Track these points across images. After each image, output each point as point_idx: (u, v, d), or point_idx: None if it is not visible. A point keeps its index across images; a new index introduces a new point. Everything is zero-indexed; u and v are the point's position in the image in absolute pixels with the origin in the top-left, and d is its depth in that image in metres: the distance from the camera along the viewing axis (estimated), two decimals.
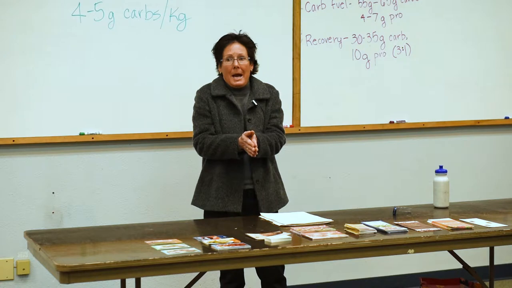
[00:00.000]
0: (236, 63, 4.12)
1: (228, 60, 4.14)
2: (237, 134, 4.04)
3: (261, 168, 4.16)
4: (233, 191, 4.10)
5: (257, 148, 3.97)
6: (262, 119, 4.19)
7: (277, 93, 4.29)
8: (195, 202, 4.23)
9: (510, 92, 5.69)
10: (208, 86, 4.22)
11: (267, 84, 4.28)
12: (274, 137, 4.15)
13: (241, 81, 4.15)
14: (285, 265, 4.24)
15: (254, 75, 4.27)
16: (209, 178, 4.16)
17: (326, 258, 3.57)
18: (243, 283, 4.29)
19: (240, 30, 4.26)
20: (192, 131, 4.23)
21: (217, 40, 4.25)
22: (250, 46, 4.21)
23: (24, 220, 4.65)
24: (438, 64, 5.47)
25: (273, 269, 4.17)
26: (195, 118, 4.20)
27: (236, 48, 4.15)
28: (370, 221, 3.83)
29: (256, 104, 4.17)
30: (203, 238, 3.50)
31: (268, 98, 4.22)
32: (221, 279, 4.27)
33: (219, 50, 4.19)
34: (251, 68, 4.21)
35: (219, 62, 4.20)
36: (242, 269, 4.23)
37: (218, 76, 4.26)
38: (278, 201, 4.24)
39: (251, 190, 4.14)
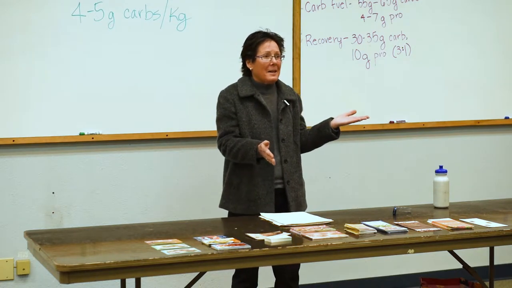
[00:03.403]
0: (274, 60, 4.12)
1: (266, 57, 4.12)
2: (257, 140, 4.01)
3: (293, 170, 4.16)
4: (265, 192, 4.08)
5: (274, 160, 3.96)
6: (291, 120, 4.19)
7: (299, 96, 4.34)
8: (225, 205, 4.18)
9: (510, 92, 5.69)
10: (234, 87, 4.17)
11: (289, 86, 4.31)
12: None
13: (276, 76, 4.15)
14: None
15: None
16: (237, 181, 4.12)
17: (326, 258, 3.57)
18: (256, 284, 4.26)
19: (267, 28, 4.24)
20: (216, 132, 4.17)
21: (247, 37, 4.19)
22: (281, 44, 4.21)
23: (24, 220, 4.65)
24: (438, 64, 5.48)
25: (291, 267, 4.18)
26: (219, 120, 4.15)
27: (274, 46, 4.14)
28: (370, 221, 3.83)
29: (288, 104, 4.17)
30: (203, 238, 3.50)
31: (295, 99, 4.24)
32: (234, 277, 4.24)
33: (253, 46, 4.14)
34: None
35: (252, 58, 4.16)
36: (257, 271, 4.20)
37: (242, 76, 4.22)
38: (304, 204, 4.25)
39: (280, 189, 4.14)
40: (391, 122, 5.39)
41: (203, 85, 4.91)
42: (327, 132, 4.20)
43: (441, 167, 4.29)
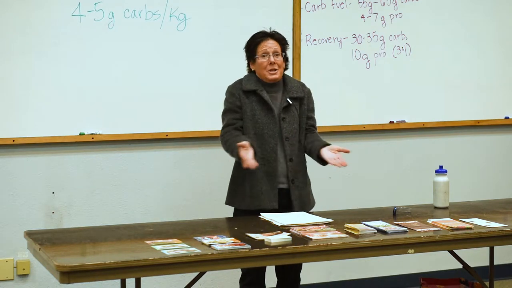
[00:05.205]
0: (272, 59, 4.10)
1: (263, 56, 4.11)
2: (244, 137, 4.00)
3: (298, 168, 4.15)
4: (269, 188, 4.09)
5: (250, 162, 3.90)
6: (297, 118, 4.17)
7: (309, 91, 4.28)
8: (230, 202, 4.20)
9: (510, 92, 5.69)
10: (239, 82, 4.19)
11: (299, 82, 4.28)
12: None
13: (277, 75, 4.12)
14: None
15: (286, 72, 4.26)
16: (241, 176, 4.13)
17: (326, 258, 3.57)
18: (263, 286, 4.23)
19: (270, 28, 4.24)
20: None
21: (249, 38, 4.20)
22: (283, 43, 4.19)
23: (24, 220, 4.65)
24: (438, 64, 5.48)
25: (292, 269, 4.18)
26: (224, 113, 4.17)
27: (271, 44, 4.13)
28: (370, 221, 3.83)
29: (291, 102, 4.15)
30: (203, 238, 3.51)
31: (302, 97, 4.21)
32: (240, 280, 4.23)
33: (252, 47, 4.15)
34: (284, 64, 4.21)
35: (252, 59, 4.17)
36: (264, 273, 4.19)
37: (249, 73, 4.22)
38: (309, 203, 4.25)
39: (285, 189, 4.14)
40: (391, 122, 5.39)
41: (203, 85, 4.91)
42: (314, 158, 4.20)
43: (441, 167, 4.29)
